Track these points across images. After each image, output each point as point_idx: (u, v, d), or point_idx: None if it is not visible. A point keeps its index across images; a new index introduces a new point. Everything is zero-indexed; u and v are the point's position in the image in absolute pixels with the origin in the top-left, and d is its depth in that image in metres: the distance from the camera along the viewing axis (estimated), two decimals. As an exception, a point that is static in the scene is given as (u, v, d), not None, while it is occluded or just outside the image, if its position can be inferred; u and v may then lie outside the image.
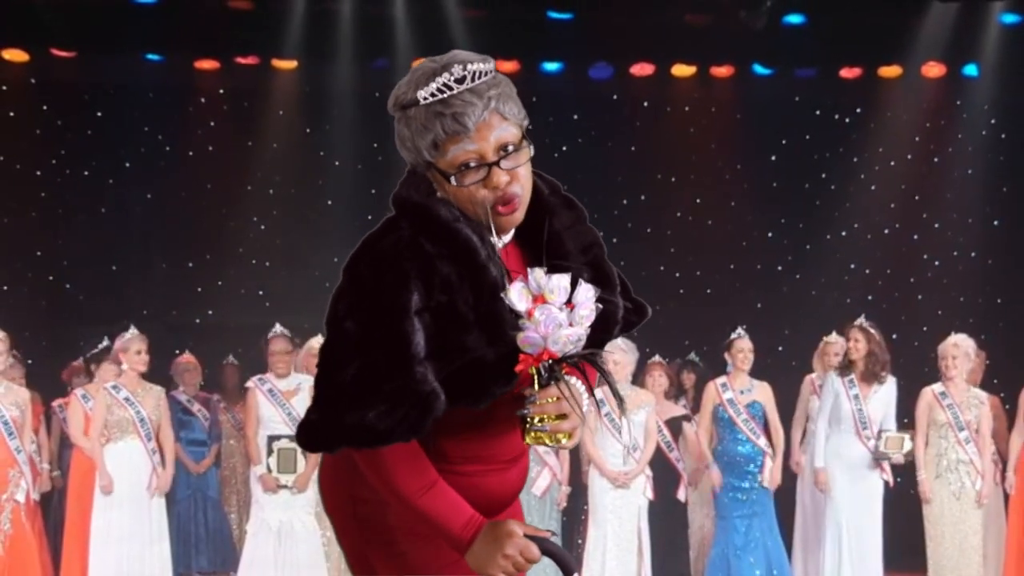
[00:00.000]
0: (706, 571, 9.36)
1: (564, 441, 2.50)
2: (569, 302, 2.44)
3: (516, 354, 2.42)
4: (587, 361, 2.50)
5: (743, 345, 9.33)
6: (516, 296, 2.42)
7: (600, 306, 2.46)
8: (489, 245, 2.49)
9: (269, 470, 8.80)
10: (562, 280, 2.42)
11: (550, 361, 2.43)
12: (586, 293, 2.46)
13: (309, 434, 2.45)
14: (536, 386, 2.46)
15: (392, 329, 2.38)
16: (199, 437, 10.20)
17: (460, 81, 2.43)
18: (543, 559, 2.52)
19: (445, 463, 2.52)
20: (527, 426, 2.48)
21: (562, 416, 2.47)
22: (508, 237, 2.59)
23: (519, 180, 2.50)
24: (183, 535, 10.04)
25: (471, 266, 2.44)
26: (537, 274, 2.43)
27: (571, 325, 2.43)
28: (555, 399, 2.46)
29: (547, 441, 2.49)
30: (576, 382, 2.54)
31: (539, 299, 2.42)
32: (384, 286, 2.40)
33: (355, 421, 2.38)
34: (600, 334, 2.53)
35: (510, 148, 2.48)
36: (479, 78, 2.44)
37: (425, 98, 2.43)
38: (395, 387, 2.37)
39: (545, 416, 2.46)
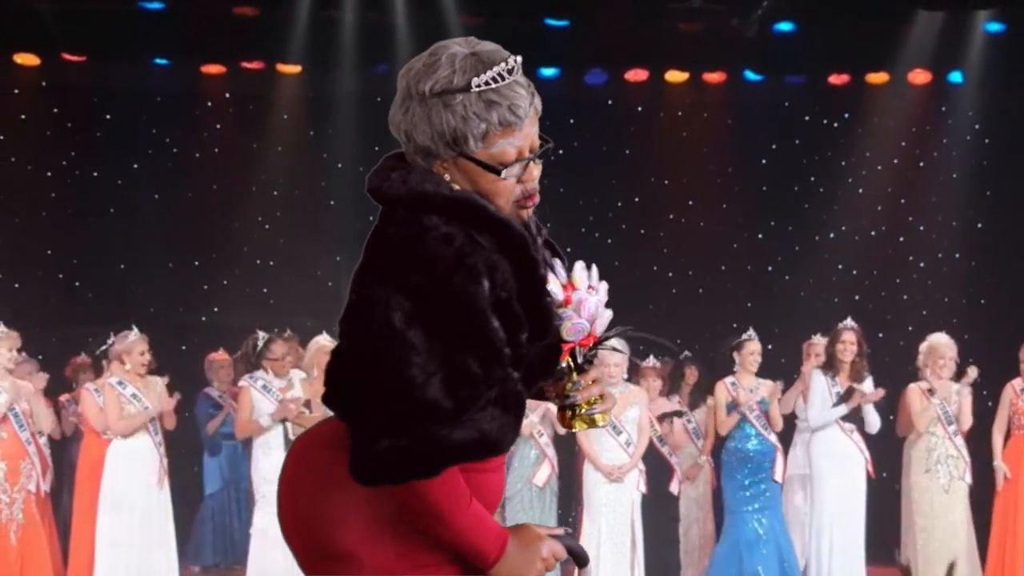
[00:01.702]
0: (712, 565, 9.45)
1: (602, 422, 2.55)
2: (590, 285, 2.49)
3: (558, 348, 2.41)
4: (625, 337, 2.57)
5: (754, 347, 9.47)
6: (555, 287, 2.43)
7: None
8: (532, 239, 2.43)
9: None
10: (582, 267, 2.48)
11: (578, 347, 2.48)
12: (595, 277, 2.51)
13: (403, 463, 2.18)
14: (575, 372, 2.49)
15: (477, 330, 2.22)
16: (229, 431, 10.18)
17: (511, 72, 2.35)
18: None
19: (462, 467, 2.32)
20: (573, 413, 2.50)
21: (601, 396, 2.51)
22: None
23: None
24: (219, 527, 10.10)
25: (525, 261, 2.34)
26: (557, 264, 2.49)
27: (606, 307, 2.51)
28: (594, 381, 2.52)
29: (598, 423, 2.54)
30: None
31: (568, 286, 2.44)
32: (454, 286, 2.22)
33: (467, 435, 2.20)
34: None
35: (539, 143, 2.44)
36: (521, 71, 2.39)
37: (479, 85, 2.31)
38: (499, 391, 2.24)
39: (593, 399, 2.49)
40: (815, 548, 9.28)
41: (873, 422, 9.28)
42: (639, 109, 13.11)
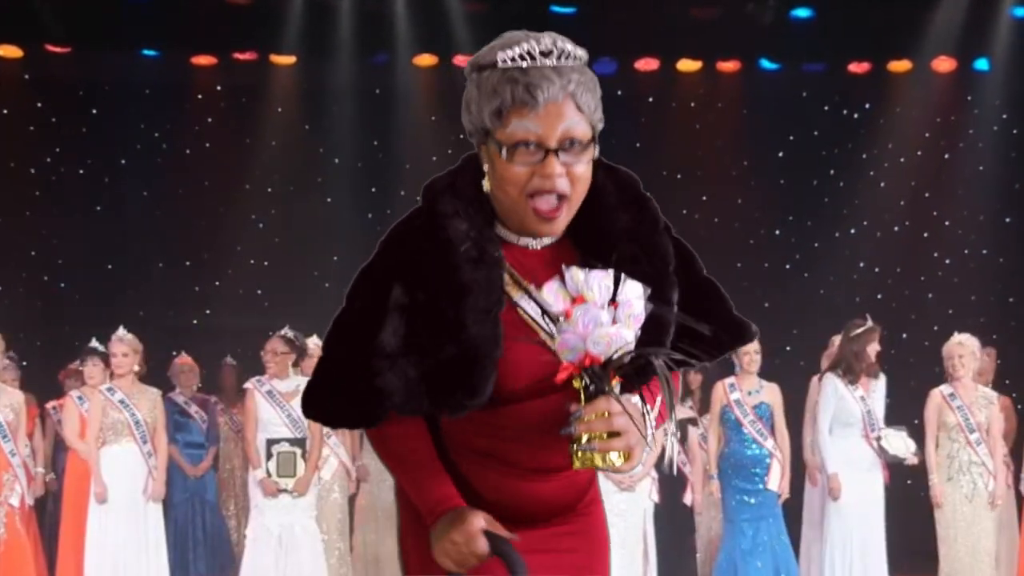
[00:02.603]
0: (713, 574, 9.31)
1: (619, 463, 2.30)
2: (614, 301, 2.28)
3: (478, 365, 2.31)
4: (642, 367, 2.29)
5: (749, 347, 9.21)
6: (552, 296, 2.29)
7: (651, 306, 2.33)
8: (492, 243, 2.39)
9: (268, 474, 8.70)
10: (603, 277, 2.29)
11: (594, 368, 2.25)
12: (633, 291, 2.31)
13: (302, 399, 2.52)
14: (582, 400, 2.26)
15: (358, 320, 2.40)
16: (196, 439, 10.09)
17: (546, 55, 2.32)
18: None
19: (450, 452, 2.48)
20: (574, 447, 2.28)
21: (614, 434, 2.27)
22: (551, 239, 2.45)
23: (575, 181, 2.36)
24: (180, 540, 9.95)
25: (445, 265, 2.35)
26: (573, 271, 2.29)
27: (615, 324, 2.26)
28: (605, 414, 2.26)
29: (598, 463, 2.28)
30: (634, 398, 2.37)
31: (579, 299, 2.26)
32: (373, 276, 2.42)
33: (315, 399, 2.47)
34: (650, 343, 2.36)
35: (576, 144, 2.35)
36: (566, 59, 2.33)
37: (504, 60, 2.32)
38: (349, 377, 2.40)
39: (593, 435, 2.27)
40: (837, 557, 9.09)
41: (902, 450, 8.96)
42: (650, 100, 13.04)
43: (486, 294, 2.34)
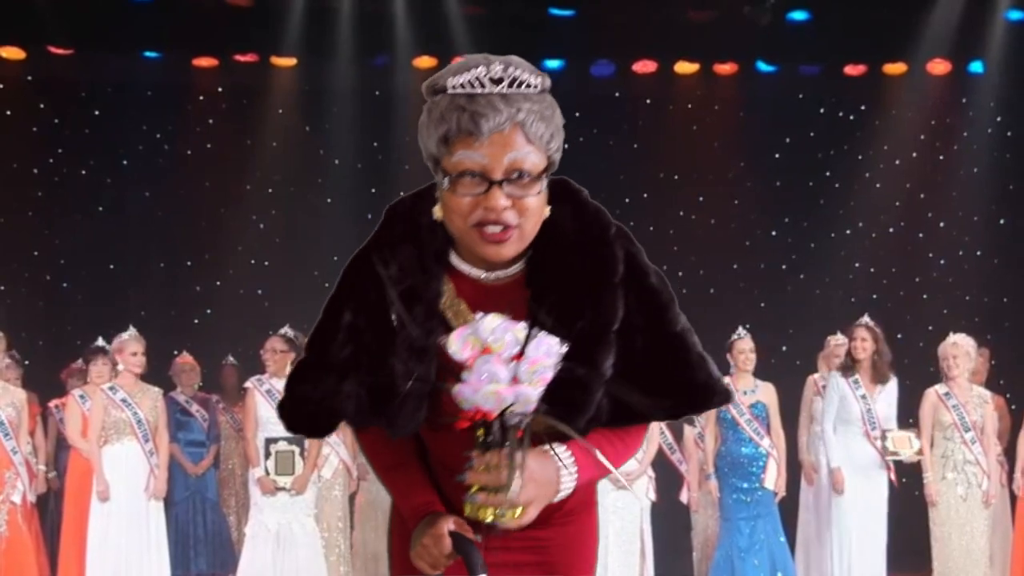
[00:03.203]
0: (710, 573, 9.33)
1: (507, 519, 2.25)
2: (520, 355, 2.19)
3: (399, 399, 2.30)
4: (542, 427, 2.24)
5: (743, 346, 9.29)
6: (459, 343, 2.20)
7: (563, 366, 2.23)
8: (436, 278, 2.36)
9: (267, 472, 8.75)
10: (515, 328, 2.21)
11: (486, 422, 2.19)
12: (543, 347, 2.21)
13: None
14: (478, 449, 2.22)
15: (320, 335, 2.42)
16: (197, 438, 10.13)
17: (496, 82, 2.26)
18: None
19: (430, 459, 2.52)
20: (467, 496, 2.25)
21: (504, 488, 2.21)
22: (512, 269, 2.40)
23: (523, 212, 2.30)
24: (181, 537, 9.99)
25: (380, 299, 2.35)
26: (488, 320, 2.20)
27: (516, 381, 2.18)
28: (495, 467, 2.20)
29: (487, 516, 2.24)
30: (564, 449, 2.34)
31: (486, 350, 2.18)
32: (333, 295, 2.43)
33: (281, 404, 2.48)
34: (565, 405, 2.28)
35: (524, 175, 2.28)
36: (518, 87, 2.27)
37: (454, 87, 2.26)
38: (303, 388, 2.43)
39: (479, 487, 2.23)
40: (837, 557, 9.17)
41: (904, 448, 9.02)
42: (647, 102, 13.02)
43: (420, 330, 2.31)
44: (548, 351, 2.20)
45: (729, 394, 2.49)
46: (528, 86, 2.28)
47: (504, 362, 2.17)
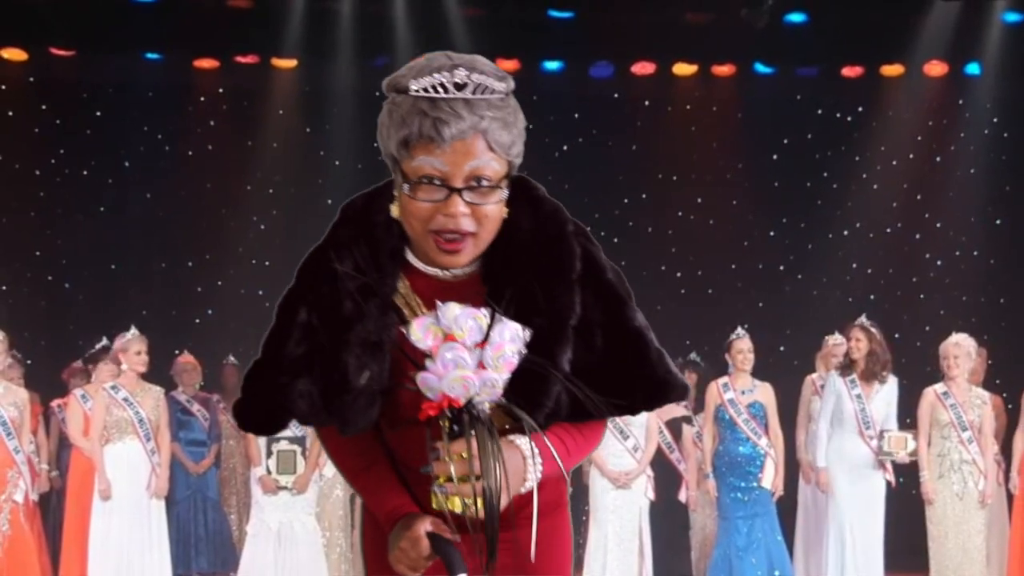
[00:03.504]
0: (708, 572, 9.33)
1: (452, 507, 2.22)
2: (484, 342, 2.17)
3: (351, 397, 2.27)
4: (506, 412, 2.21)
5: (741, 346, 9.30)
6: (422, 331, 2.17)
7: (524, 355, 2.20)
8: (391, 275, 2.35)
9: (268, 472, 8.78)
10: (478, 315, 2.19)
11: (454, 409, 2.16)
12: (507, 333, 2.19)
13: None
14: (445, 439, 2.17)
15: (274, 334, 2.38)
16: (199, 437, 10.18)
17: (460, 87, 2.21)
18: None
19: (395, 460, 2.48)
20: (433, 487, 2.21)
21: (477, 477, 2.17)
22: (468, 267, 2.38)
23: (481, 219, 2.28)
24: (183, 536, 10.04)
25: (332, 297, 2.33)
26: (450, 307, 2.18)
27: (481, 367, 2.16)
28: (462, 456, 2.16)
29: (454, 507, 2.19)
30: (527, 441, 2.30)
31: (449, 337, 2.16)
32: (289, 294, 2.41)
33: (236, 403, 2.43)
34: (524, 399, 2.26)
35: (484, 182, 2.25)
36: (482, 93, 2.22)
37: (416, 90, 2.22)
38: (257, 387, 2.40)
39: (447, 476, 2.19)
40: (834, 556, 9.15)
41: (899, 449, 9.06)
42: (646, 103, 13.04)
43: (374, 326, 2.29)
44: (512, 336, 2.18)
45: (686, 389, 2.46)
46: (492, 91, 2.24)
47: (468, 348, 2.14)
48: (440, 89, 2.20)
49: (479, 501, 2.17)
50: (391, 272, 2.35)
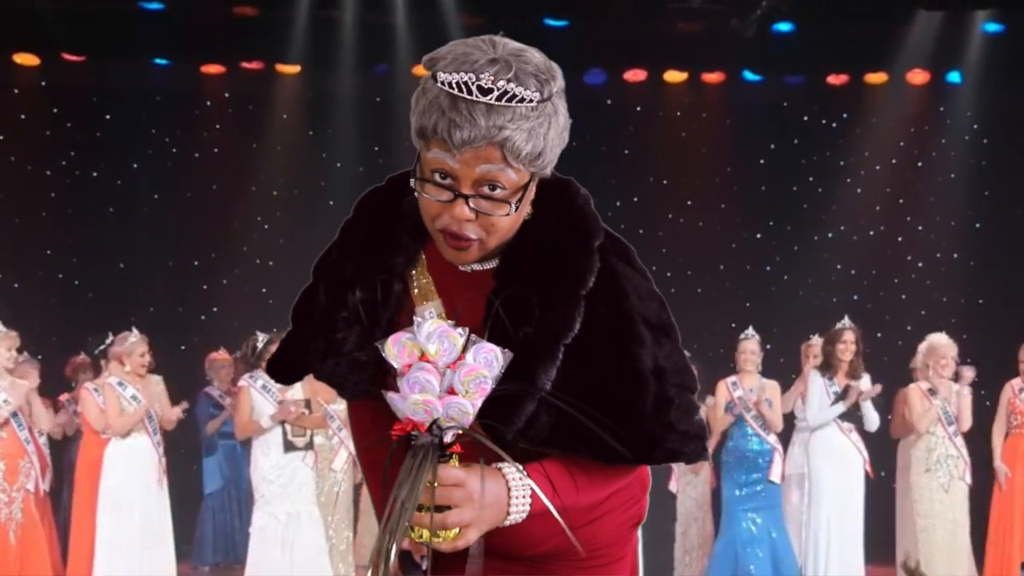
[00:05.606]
0: (711, 564, 9.44)
1: (438, 540, 1.99)
2: (455, 363, 1.99)
3: (351, 383, 2.18)
4: (474, 440, 1.99)
5: (747, 346, 9.50)
6: (396, 348, 2.00)
7: (500, 379, 2.00)
8: (405, 245, 2.22)
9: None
10: (450, 335, 2.00)
11: (418, 433, 1.98)
12: (482, 357, 1.99)
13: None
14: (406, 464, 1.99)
15: (311, 293, 2.31)
16: (228, 430, 10.20)
17: (484, 92, 2.00)
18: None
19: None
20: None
21: (440, 508, 1.98)
22: (485, 264, 2.20)
23: (488, 228, 2.09)
24: (219, 526, 10.11)
25: (342, 282, 2.23)
26: (425, 325, 2.01)
27: (451, 392, 1.97)
28: (427, 484, 1.94)
29: (413, 536, 1.99)
30: (516, 470, 2.07)
31: (423, 356, 1.99)
32: (315, 271, 2.35)
33: (271, 358, 2.39)
34: (502, 410, 2.04)
35: (496, 190, 2.06)
36: (508, 101, 2.01)
37: (443, 82, 2.02)
38: (288, 337, 2.35)
39: (417, 503, 1.96)
40: (813, 548, 9.31)
41: (872, 419, 9.32)
42: (638, 109, 13.11)
43: (369, 296, 2.20)
44: (487, 361, 1.99)
45: (680, 455, 2.18)
46: (522, 100, 2.02)
47: (438, 371, 1.97)
48: (463, 88, 2.01)
49: (431, 533, 1.98)
50: (407, 247, 2.22)
